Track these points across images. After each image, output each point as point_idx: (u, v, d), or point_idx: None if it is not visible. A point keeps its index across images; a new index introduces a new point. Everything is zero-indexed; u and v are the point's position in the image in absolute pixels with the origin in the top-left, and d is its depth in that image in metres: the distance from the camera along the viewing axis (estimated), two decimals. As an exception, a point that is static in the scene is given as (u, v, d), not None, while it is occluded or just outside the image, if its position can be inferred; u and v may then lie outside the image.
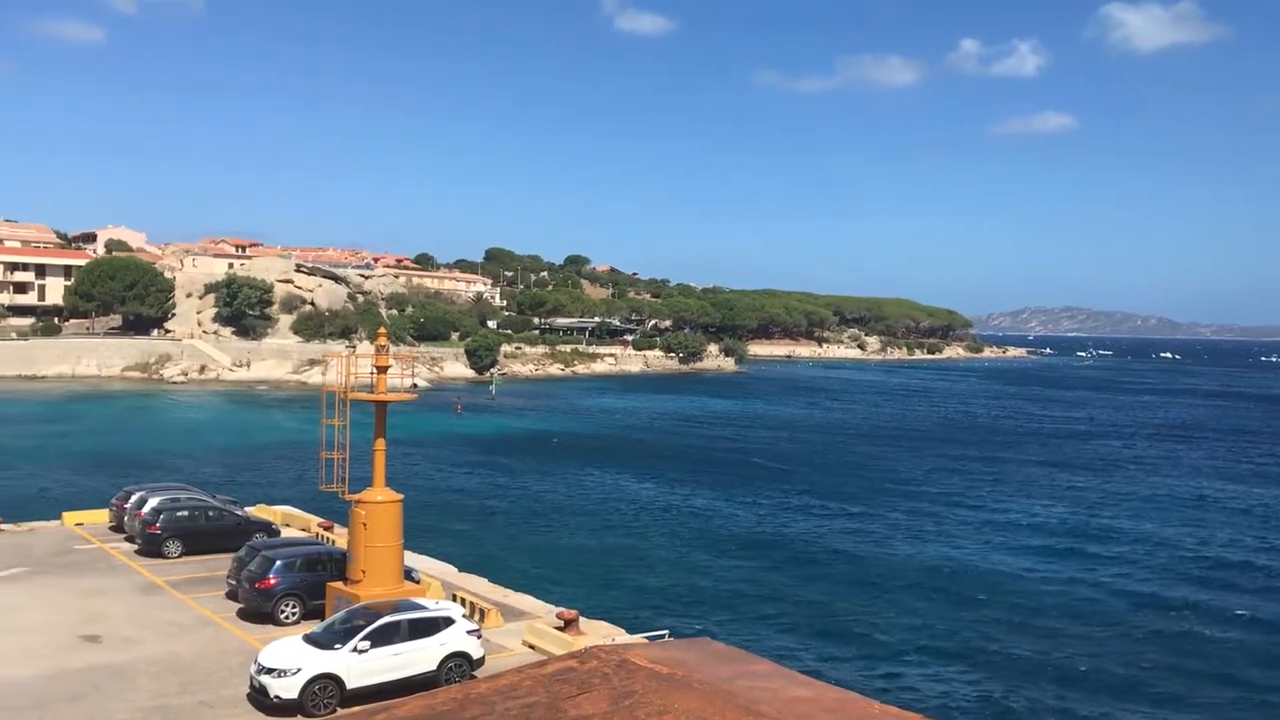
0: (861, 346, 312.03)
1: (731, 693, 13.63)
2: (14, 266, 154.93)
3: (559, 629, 26.45)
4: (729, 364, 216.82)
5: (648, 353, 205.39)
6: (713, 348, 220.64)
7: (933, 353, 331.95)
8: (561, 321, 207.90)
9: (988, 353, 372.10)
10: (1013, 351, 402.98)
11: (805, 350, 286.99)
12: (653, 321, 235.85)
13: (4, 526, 38.33)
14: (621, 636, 26.68)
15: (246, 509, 39.13)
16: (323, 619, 25.69)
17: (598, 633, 26.73)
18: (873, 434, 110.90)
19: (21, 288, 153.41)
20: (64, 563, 33.53)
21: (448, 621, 23.50)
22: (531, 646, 25.97)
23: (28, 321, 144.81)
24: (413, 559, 31.38)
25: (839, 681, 26.97)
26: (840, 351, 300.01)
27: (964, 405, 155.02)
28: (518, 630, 27.15)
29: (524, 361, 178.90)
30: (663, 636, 26.69)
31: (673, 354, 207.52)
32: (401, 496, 27.52)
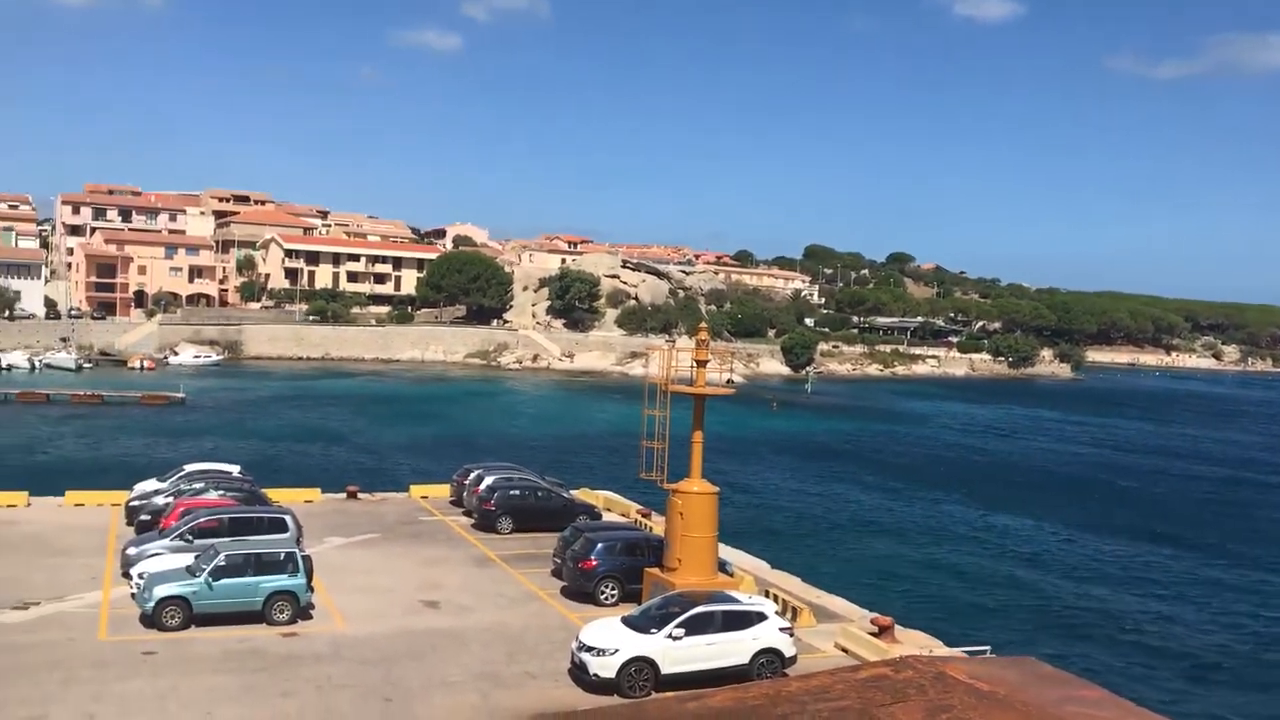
0: (1217, 356, 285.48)
1: (1058, 717, 12.77)
2: (375, 259, 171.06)
3: (873, 634, 25.81)
4: (1064, 370, 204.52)
5: (973, 356, 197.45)
6: (1046, 353, 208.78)
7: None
8: (882, 321, 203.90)
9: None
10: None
11: (1150, 358, 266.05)
12: (980, 323, 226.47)
13: (361, 495, 42.27)
14: (939, 648, 25.69)
15: (571, 491, 40.88)
16: (639, 603, 26.41)
17: (914, 642, 25.86)
18: (1251, 463, 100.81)
19: (381, 279, 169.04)
20: (409, 532, 36.47)
21: (760, 617, 23.48)
22: (844, 650, 25.50)
23: (385, 310, 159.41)
24: (726, 552, 31.65)
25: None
26: (1192, 361, 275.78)
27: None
28: (830, 632, 26.72)
29: (841, 360, 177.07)
30: (984, 653, 25.52)
31: (1001, 358, 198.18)
32: (717, 489, 27.80)
